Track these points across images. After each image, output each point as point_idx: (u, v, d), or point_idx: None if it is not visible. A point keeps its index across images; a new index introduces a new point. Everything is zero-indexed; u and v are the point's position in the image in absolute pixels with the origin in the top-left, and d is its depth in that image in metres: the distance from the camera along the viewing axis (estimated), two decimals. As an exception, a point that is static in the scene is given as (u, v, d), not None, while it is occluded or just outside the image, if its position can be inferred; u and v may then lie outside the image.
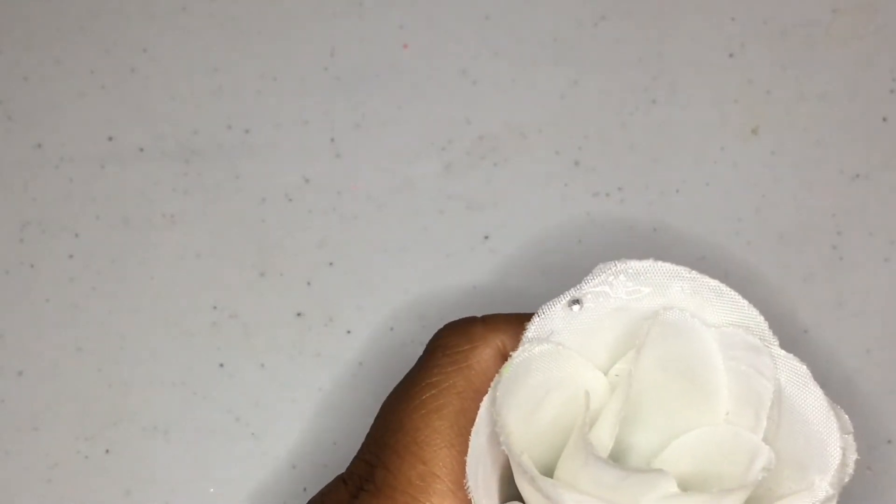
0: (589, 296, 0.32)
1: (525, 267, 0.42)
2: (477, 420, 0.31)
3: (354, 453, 0.34)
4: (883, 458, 0.40)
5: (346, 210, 0.43)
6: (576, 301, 0.32)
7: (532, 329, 0.32)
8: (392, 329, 0.42)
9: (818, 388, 0.31)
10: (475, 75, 0.44)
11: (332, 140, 0.44)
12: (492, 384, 0.31)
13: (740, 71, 0.43)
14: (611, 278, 0.32)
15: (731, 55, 0.44)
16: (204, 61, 0.45)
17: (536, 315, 0.32)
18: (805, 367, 0.32)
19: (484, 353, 0.33)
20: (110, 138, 0.44)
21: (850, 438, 0.31)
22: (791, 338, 0.41)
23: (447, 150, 0.44)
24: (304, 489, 0.41)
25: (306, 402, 0.42)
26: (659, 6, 0.44)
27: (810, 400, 0.31)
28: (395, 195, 0.43)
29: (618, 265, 0.32)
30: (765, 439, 0.31)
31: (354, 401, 0.42)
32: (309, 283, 0.43)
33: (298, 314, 0.42)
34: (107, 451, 0.42)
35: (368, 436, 0.34)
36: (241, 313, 0.43)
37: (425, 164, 0.43)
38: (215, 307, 0.43)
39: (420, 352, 0.34)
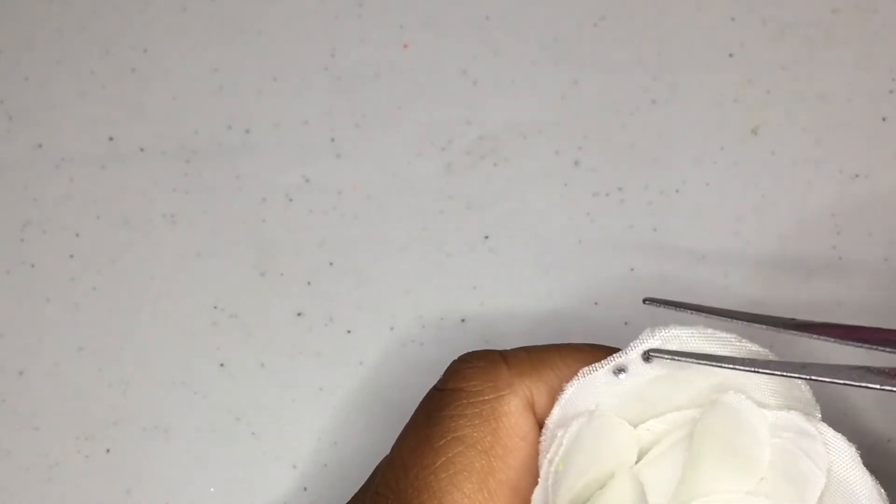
0: (633, 363, 0.32)
1: (525, 267, 0.42)
2: None
3: (355, 453, 0.33)
4: (883, 458, 0.40)
5: (346, 210, 0.43)
6: (621, 369, 0.32)
7: (571, 393, 0.32)
8: (392, 329, 0.42)
9: (866, 472, 0.31)
10: (475, 75, 0.44)
11: (332, 140, 0.44)
12: (542, 476, 0.31)
13: (740, 71, 0.43)
14: (657, 344, 0.32)
15: (731, 55, 0.44)
16: (204, 61, 0.45)
17: (577, 378, 0.32)
18: (854, 449, 0.31)
19: (511, 403, 0.31)
20: (110, 138, 0.44)
21: None
22: (791, 337, 0.41)
23: (447, 150, 0.44)
24: (305, 489, 0.41)
25: (306, 402, 0.42)
26: (659, 6, 0.44)
27: (858, 483, 0.31)
28: (395, 195, 0.43)
29: (665, 331, 0.32)
30: None
31: (354, 401, 0.42)
32: (309, 283, 0.43)
33: (298, 314, 0.42)
34: (107, 450, 0.42)
35: (384, 479, 0.32)
36: (241, 313, 0.43)
37: (425, 164, 0.43)
38: (215, 307, 0.43)
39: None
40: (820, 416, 0.32)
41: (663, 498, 0.31)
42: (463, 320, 0.42)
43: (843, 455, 0.31)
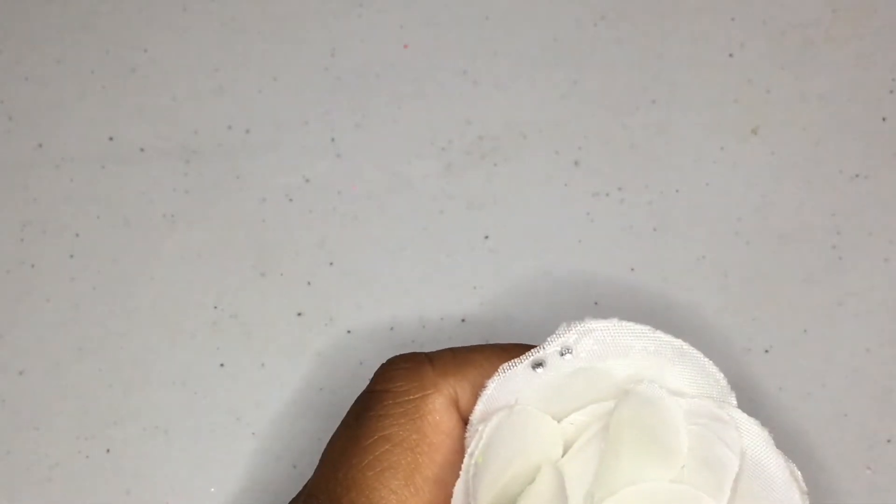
0: (551, 357, 0.32)
1: (525, 267, 0.42)
2: (453, 501, 0.31)
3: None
4: (883, 458, 0.40)
5: (346, 210, 0.43)
6: (539, 363, 0.32)
7: (493, 389, 0.32)
8: (392, 329, 0.42)
9: (780, 453, 0.32)
10: (475, 75, 0.44)
11: (332, 140, 0.44)
12: (463, 469, 0.31)
13: (740, 71, 0.43)
14: (573, 338, 0.32)
15: (731, 55, 0.44)
16: (204, 61, 0.45)
17: (497, 374, 0.32)
18: (766, 432, 0.32)
19: (436, 402, 0.32)
20: (111, 138, 0.44)
21: (807, 500, 0.31)
22: (791, 338, 0.41)
23: (447, 150, 0.44)
24: (304, 489, 0.41)
25: (306, 402, 0.42)
26: (659, 6, 0.44)
27: (772, 466, 0.32)
28: (395, 195, 0.43)
29: (581, 325, 0.33)
30: None
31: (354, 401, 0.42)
32: (309, 283, 0.43)
33: (298, 314, 0.42)
34: (107, 450, 0.42)
35: (315, 481, 0.33)
36: (241, 313, 0.43)
37: (425, 164, 0.43)
38: (215, 307, 0.43)
39: (419, 352, 0.34)
40: (735, 402, 0.33)
41: (586, 488, 0.31)
42: (463, 320, 0.42)
43: (756, 439, 0.32)
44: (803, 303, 0.42)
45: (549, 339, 0.33)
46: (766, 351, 0.41)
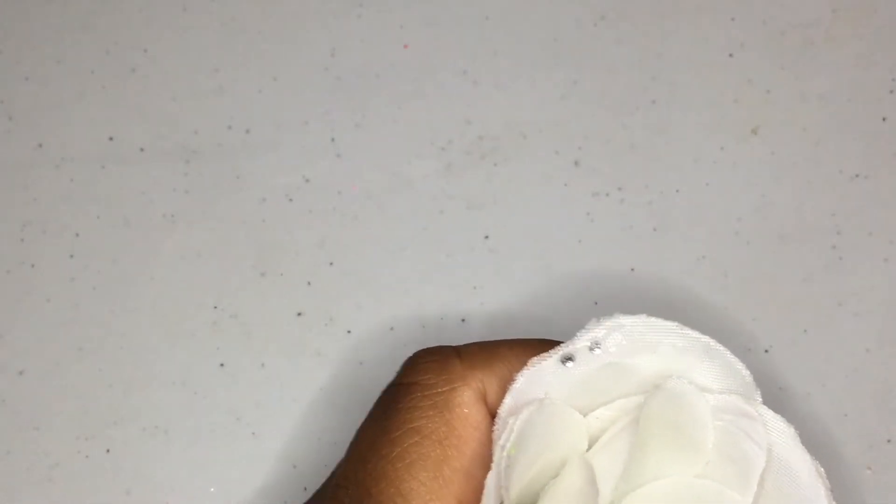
0: (581, 351, 0.32)
1: (525, 267, 0.42)
2: (484, 495, 0.31)
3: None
4: (883, 458, 0.40)
5: (346, 210, 0.43)
6: (568, 358, 0.33)
7: (522, 382, 0.32)
8: (392, 329, 0.42)
9: (805, 450, 0.32)
10: (475, 75, 0.44)
11: (333, 140, 0.44)
12: (494, 461, 0.32)
13: (740, 71, 0.43)
14: (603, 333, 0.33)
15: (730, 55, 0.44)
16: (204, 61, 0.45)
17: (527, 368, 0.33)
18: (793, 429, 0.32)
19: (464, 395, 0.33)
20: (111, 138, 0.44)
21: (832, 497, 0.32)
22: (791, 338, 0.41)
23: (447, 150, 0.44)
24: (305, 489, 0.41)
25: (306, 402, 0.42)
26: (659, 6, 0.44)
27: (798, 462, 0.32)
28: (395, 195, 0.43)
29: (610, 320, 0.33)
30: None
31: (354, 401, 0.42)
32: (309, 283, 0.43)
33: (298, 314, 0.42)
34: (107, 450, 0.42)
35: (343, 472, 0.33)
36: (241, 313, 0.43)
37: (425, 164, 0.43)
38: (215, 307, 0.43)
39: (446, 345, 0.34)
40: (760, 399, 0.33)
41: (614, 482, 0.32)
42: (463, 320, 0.42)
43: (782, 435, 0.32)
44: (803, 303, 0.42)
45: (578, 333, 0.33)
46: (766, 351, 0.41)
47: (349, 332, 0.42)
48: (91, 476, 0.41)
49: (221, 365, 0.42)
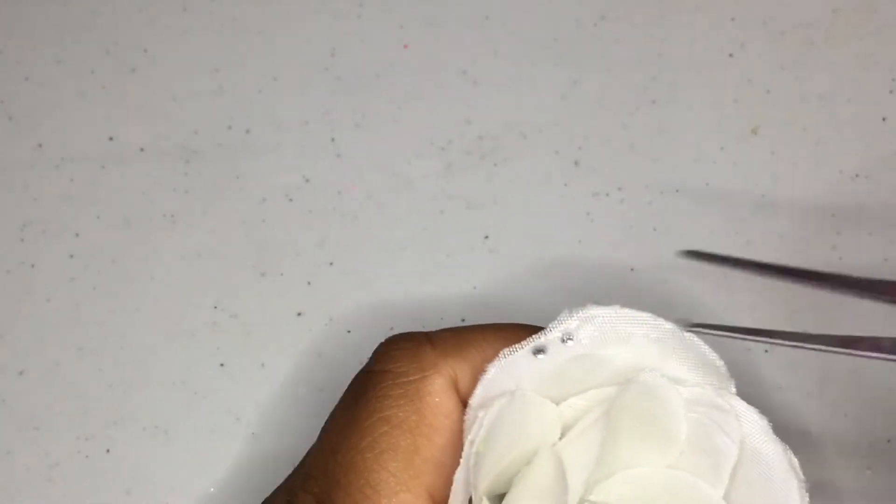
0: (553, 343, 0.32)
1: (525, 267, 0.42)
2: (453, 489, 0.31)
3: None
4: (883, 458, 0.40)
5: (346, 210, 0.43)
6: (540, 350, 0.32)
7: (493, 373, 0.32)
8: (392, 329, 0.42)
9: (779, 442, 0.32)
10: (475, 75, 0.44)
11: (333, 140, 0.44)
12: (463, 457, 0.31)
13: (740, 71, 0.43)
14: (575, 324, 0.32)
15: (730, 55, 0.44)
16: (204, 61, 0.45)
17: (498, 359, 0.32)
18: (766, 421, 0.32)
19: (436, 383, 0.32)
20: (110, 138, 0.44)
21: (805, 489, 0.31)
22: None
23: (447, 150, 0.44)
24: (304, 489, 0.41)
25: (306, 402, 0.42)
26: (659, 6, 0.44)
27: (771, 455, 0.32)
28: (395, 195, 0.43)
29: (582, 312, 0.32)
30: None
31: (354, 401, 0.42)
32: (309, 283, 0.43)
33: (298, 314, 0.42)
34: (107, 450, 0.42)
35: (313, 461, 0.32)
36: (241, 313, 0.43)
37: (425, 164, 0.43)
38: (215, 307, 0.43)
39: (418, 331, 0.34)
40: (735, 391, 0.33)
41: (584, 473, 0.31)
42: (463, 320, 0.42)
43: (755, 427, 0.32)
44: (803, 303, 0.42)
45: (550, 325, 0.33)
46: (766, 351, 0.41)
47: (349, 332, 0.42)
48: (91, 476, 0.41)
49: (221, 365, 0.42)
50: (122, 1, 0.45)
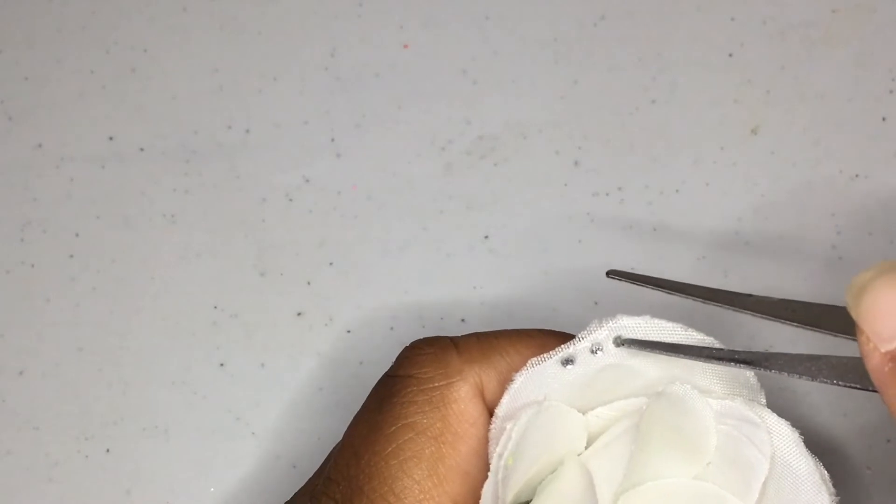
0: (581, 353, 0.32)
1: (525, 267, 0.42)
2: (482, 502, 0.31)
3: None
4: (883, 458, 0.40)
5: (346, 210, 0.43)
6: (569, 360, 0.32)
7: (520, 382, 0.32)
8: (392, 329, 0.42)
9: (810, 455, 0.32)
10: (475, 75, 0.44)
11: (332, 140, 0.44)
12: (491, 470, 0.31)
13: (740, 71, 0.43)
14: (605, 335, 0.32)
15: (730, 55, 0.44)
16: (204, 61, 0.45)
17: (525, 368, 0.32)
18: (797, 434, 0.32)
19: (461, 390, 0.32)
20: (110, 138, 0.44)
21: (836, 502, 0.31)
22: (791, 338, 0.41)
23: (447, 150, 0.44)
24: (304, 489, 0.41)
25: (306, 402, 0.42)
26: (659, 6, 0.44)
27: (802, 469, 0.31)
28: (395, 195, 0.43)
29: (612, 322, 0.32)
30: None
31: (354, 401, 0.42)
32: (309, 283, 0.43)
33: (298, 314, 0.42)
34: (107, 450, 0.42)
35: (336, 465, 0.32)
36: (241, 313, 0.43)
37: (425, 164, 0.43)
38: (215, 307, 0.43)
39: (444, 336, 0.33)
40: (765, 402, 0.33)
41: (611, 484, 0.31)
42: (463, 320, 0.42)
43: (786, 441, 0.32)
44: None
45: (580, 334, 0.32)
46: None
47: (349, 332, 0.42)
48: (91, 476, 0.41)
49: (221, 365, 0.42)
50: (122, 1, 0.45)
